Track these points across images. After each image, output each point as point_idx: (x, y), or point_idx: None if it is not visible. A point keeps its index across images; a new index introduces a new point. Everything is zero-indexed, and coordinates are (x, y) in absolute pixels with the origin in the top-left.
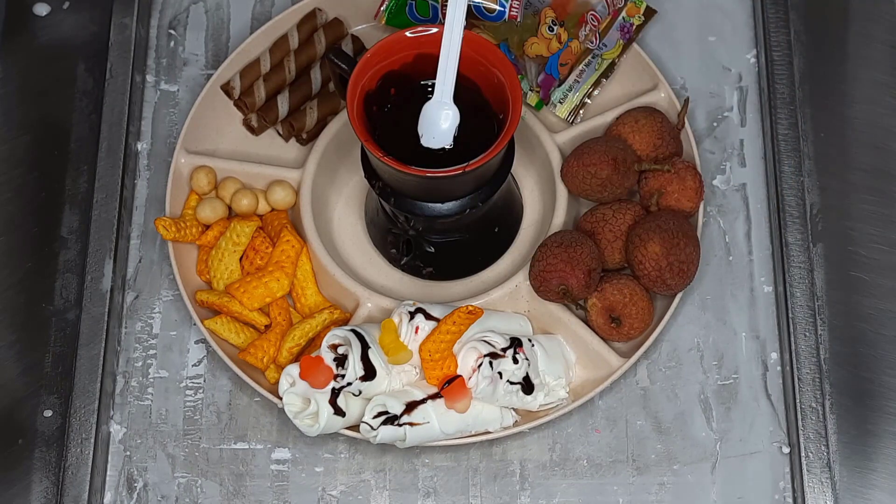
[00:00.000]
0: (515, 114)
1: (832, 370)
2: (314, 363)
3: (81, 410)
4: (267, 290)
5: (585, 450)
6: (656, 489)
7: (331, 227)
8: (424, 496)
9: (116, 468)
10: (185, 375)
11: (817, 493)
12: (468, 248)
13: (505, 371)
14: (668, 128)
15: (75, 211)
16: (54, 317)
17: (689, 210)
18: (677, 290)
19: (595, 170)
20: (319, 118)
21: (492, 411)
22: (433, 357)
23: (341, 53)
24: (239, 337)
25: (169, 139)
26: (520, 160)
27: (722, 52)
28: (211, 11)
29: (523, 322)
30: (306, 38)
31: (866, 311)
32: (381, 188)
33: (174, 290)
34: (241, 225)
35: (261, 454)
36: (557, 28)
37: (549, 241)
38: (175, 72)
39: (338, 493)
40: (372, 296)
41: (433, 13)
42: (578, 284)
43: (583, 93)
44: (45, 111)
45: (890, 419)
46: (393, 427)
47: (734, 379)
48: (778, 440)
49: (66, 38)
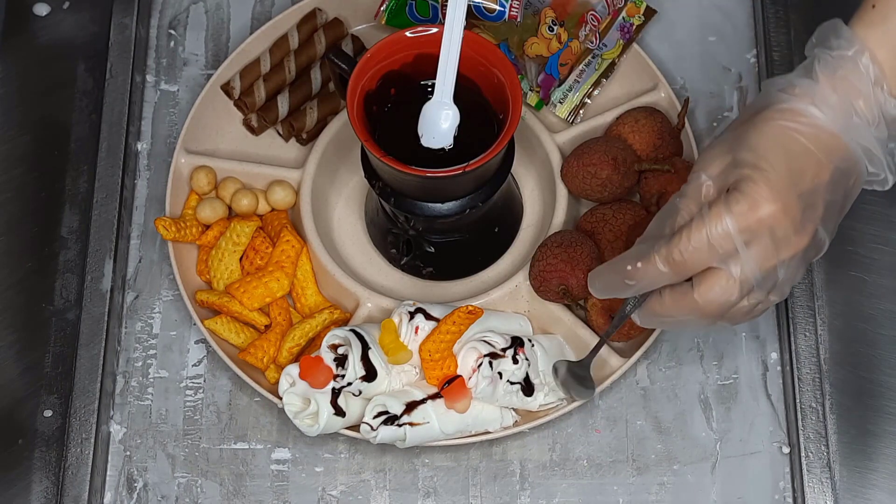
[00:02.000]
0: (515, 114)
1: (832, 370)
2: (314, 363)
3: (81, 410)
4: (267, 290)
5: (585, 450)
6: (656, 489)
7: (331, 227)
8: (424, 496)
9: (116, 468)
10: (185, 375)
11: (817, 493)
12: (468, 248)
13: (505, 371)
14: (668, 128)
15: (75, 211)
16: (54, 317)
17: None
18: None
19: (595, 170)
20: (319, 118)
21: (492, 411)
22: (433, 357)
23: (341, 53)
24: (239, 337)
25: (169, 139)
26: (520, 160)
27: (722, 52)
28: (211, 11)
29: (523, 322)
30: (306, 38)
31: (866, 311)
32: (381, 188)
33: (174, 290)
34: (241, 225)
35: (261, 454)
36: (557, 28)
37: (549, 241)
38: (175, 72)
39: (338, 493)
40: (372, 296)
41: (433, 13)
42: (578, 284)
43: (583, 93)
44: (45, 111)
45: (890, 419)
46: (393, 427)
47: (734, 379)
48: (778, 440)
49: (66, 38)
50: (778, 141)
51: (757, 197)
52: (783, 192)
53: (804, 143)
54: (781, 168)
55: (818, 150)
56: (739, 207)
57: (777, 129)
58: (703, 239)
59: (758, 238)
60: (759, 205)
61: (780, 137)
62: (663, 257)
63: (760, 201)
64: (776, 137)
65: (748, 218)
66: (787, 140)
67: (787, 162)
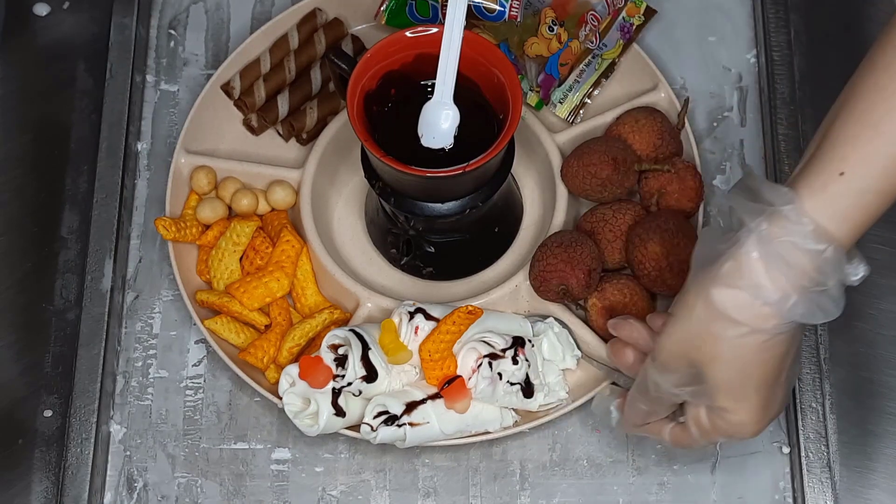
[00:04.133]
0: (515, 114)
1: (832, 370)
2: (313, 363)
3: (81, 410)
4: (267, 290)
5: (585, 450)
6: (656, 489)
7: (331, 227)
8: (424, 496)
9: (116, 468)
10: (185, 375)
11: (817, 493)
12: (468, 248)
13: (505, 372)
14: (668, 128)
15: (75, 211)
16: (54, 317)
17: (689, 210)
18: (677, 290)
19: (595, 170)
20: (319, 118)
21: (491, 411)
22: (433, 357)
23: (341, 53)
24: (239, 337)
25: (169, 139)
26: (520, 160)
27: (722, 52)
28: (211, 11)
29: (523, 322)
30: (306, 38)
31: (866, 311)
32: (381, 188)
33: (174, 290)
34: (241, 225)
35: (261, 454)
36: (557, 28)
37: (549, 241)
38: (175, 72)
39: (338, 493)
40: (372, 296)
41: (433, 13)
42: (578, 284)
43: (583, 93)
44: (45, 111)
45: (890, 419)
46: (393, 427)
47: None
48: (778, 440)
49: (66, 38)
50: (737, 364)
51: (740, 429)
52: (760, 418)
53: (758, 354)
54: (753, 398)
55: (772, 354)
56: (722, 432)
57: (731, 348)
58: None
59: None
60: (742, 433)
61: (737, 359)
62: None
63: (743, 432)
64: (733, 361)
65: (727, 437)
66: (744, 358)
67: (752, 383)
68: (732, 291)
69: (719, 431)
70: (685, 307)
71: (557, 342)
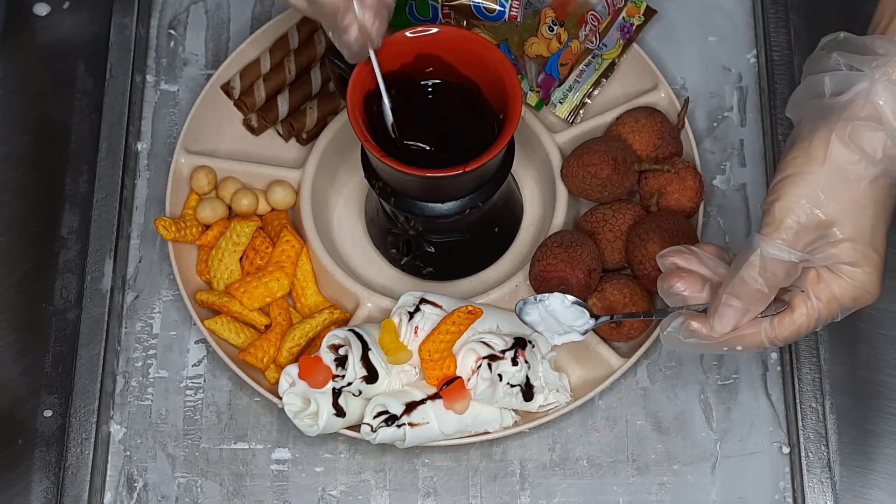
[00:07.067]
0: (515, 114)
1: (832, 370)
2: (313, 363)
3: (81, 410)
4: (267, 290)
5: (585, 450)
6: (656, 489)
7: (331, 227)
8: (424, 496)
9: (116, 468)
10: (185, 375)
11: (817, 493)
12: (468, 248)
13: (505, 373)
14: (668, 128)
15: (75, 211)
16: (54, 317)
17: (689, 210)
18: None
19: (595, 170)
20: (319, 118)
21: (491, 411)
22: (433, 357)
23: (341, 53)
24: (239, 337)
25: (169, 139)
26: (520, 160)
27: (722, 52)
28: (211, 11)
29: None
30: (306, 38)
31: (866, 311)
32: (381, 188)
33: (174, 290)
34: (241, 225)
35: (261, 454)
36: (557, 28)
37: (549, 241)
38: (175, 72)
39: (338, 493)
40: (372, 296)
41: (433, 13)
42: (578, 284)
43: (583, 93)
44: (45, 111)
45: (890, 419)
46: (393, 427)
47: (734, 379)
48: (778, 440)
49: (66, 38)
50: (871, 210)
51: (865, 292)
52: (881, 277)
53: (888, 200)
54: (878, 251)
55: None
56: (847, 297)
57: (869, 191)
58: (812, 323)
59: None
60: (865, 298)
61: (873, 205)
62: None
63: (867, 296)
64: (868, 207)
65: (851, 303)
66: (877, 203)
67: (880, 235)
68: (871, 133)
69: (841, 298)
70: (808, 162)
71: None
